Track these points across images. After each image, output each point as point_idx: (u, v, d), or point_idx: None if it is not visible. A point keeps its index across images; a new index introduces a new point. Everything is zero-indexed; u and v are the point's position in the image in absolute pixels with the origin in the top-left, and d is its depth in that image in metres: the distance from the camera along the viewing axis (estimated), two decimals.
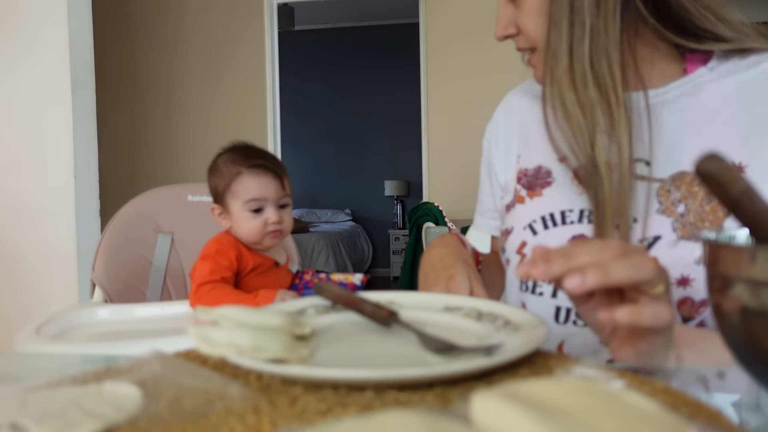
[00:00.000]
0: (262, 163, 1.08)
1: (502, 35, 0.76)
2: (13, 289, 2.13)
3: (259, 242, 1.09)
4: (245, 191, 1.06)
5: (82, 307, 1.00)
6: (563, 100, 0.68)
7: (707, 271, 0.39)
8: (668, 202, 0.67)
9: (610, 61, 0.66)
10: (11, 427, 0.35)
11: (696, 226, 0.65)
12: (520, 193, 0.81)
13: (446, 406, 0.37)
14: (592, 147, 0.66)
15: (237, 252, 1.05)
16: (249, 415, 0.36)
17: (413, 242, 3.24)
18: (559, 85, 0.68)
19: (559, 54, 0.67)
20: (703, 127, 0.69)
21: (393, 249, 5.94)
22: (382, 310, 0.55)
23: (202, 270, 1.02)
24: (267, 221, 1.07)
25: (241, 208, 1.06)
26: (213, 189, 1.11)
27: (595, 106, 0.66)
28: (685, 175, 0.68)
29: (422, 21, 3.82)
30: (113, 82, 3.79)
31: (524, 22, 0.72)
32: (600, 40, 0.65)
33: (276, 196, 1.08)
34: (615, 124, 0.66)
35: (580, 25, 0.66)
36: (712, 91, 0.69)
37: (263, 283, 1.08)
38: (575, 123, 0.67)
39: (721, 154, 0.35)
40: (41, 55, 2.09)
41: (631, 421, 0.30)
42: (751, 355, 0.37)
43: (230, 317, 0.49)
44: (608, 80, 0.66)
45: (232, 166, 1.08)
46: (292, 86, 5.84)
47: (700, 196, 0.66)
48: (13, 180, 2.12)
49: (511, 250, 0.79)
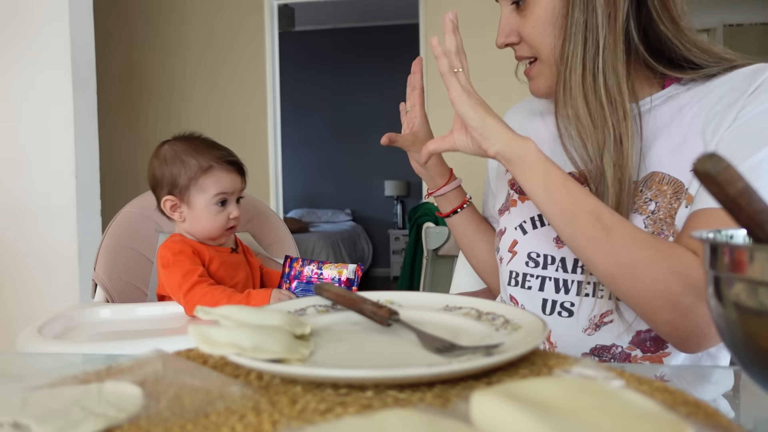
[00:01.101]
0: (233, 160, 1.09)
1: (503, 43, 0.79)
2: (14, 289, 2.13)
3: (217, 238, 1.08)
4: (216, 185, 1.05)
5: (84, 307, 1.00)
6: (576, 110, 0.72)
7: (706, 272, 0.39)
8: (641, 201, 0.72)
9: (618, 78, 0.70)
10: (13, 426, 0.35)
11: (665, 222, 0.71)
12: (512, 197, 0.87)
13: (446, 406, 0.37)
14: (601, 158, 0.71)
15: (191, 248, 1.04)
16: (249, 415, 0.36)
17: (413, 242, 3.24)
18: (573, 96, 0.72)
19: (574, 68, 0.71)
20: (672, 130, 0.73)
21: (393, 249, 5.94)
22: (382, 309, 0.55)
23: (173, 279, 0.99)
24: (229, 215, 1.07)
25: (209, 202, 1.05)
26: (169, 180, 1.06)
27: (607, 119, 0.70)
28: (655, 174, 0.72)
29: (422, 21, 3.82)
30: (114, 82, 3.79)
31: (529, 33, 0.75)
32: (609, 57, 0.70)
33: (237, 191, 1.09)
34: (623, 137, 0.70)
35: (594, 42, 0.70)
36: (681, 98, 0.75)
37: (228, 275, 1.07)
38: (586, 134, 0.71)
39: (719, 154, 0.36)
40: (43, 55, 2.10)
41: (630, 420, 0.30)
42: (749, 354, 0.37)
43: (230, 317, 0.49)
44: (617, 96, 0.71)
45: (200, 158, 1.05)
46: (292, 86, 5.84)
47: (669, 194, 0.71)
48: (14, 180, 2.12)
49: (504, 249, 0.85)
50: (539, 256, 0.80)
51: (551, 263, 0.78)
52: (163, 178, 1.07)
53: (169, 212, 1.08)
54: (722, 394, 0.53)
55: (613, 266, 0.65)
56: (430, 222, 2.84)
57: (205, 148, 1.08)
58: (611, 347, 0.74)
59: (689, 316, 0.63)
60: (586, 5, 0.70)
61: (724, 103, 0.70)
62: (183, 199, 1.06)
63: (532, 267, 0.80)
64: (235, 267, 1.09)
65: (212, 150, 1.08)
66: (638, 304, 0.66)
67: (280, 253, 1.34)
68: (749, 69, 0.72)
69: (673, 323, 0.64)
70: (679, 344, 0.67)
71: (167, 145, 1.08)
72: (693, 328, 0.64)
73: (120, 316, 1.00)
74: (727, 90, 0.71)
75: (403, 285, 3.27)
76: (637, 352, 0.73)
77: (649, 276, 0.63)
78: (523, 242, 0.82)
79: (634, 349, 0.73)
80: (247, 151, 3.84)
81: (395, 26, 6.04)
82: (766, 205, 0.36)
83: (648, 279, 0.63)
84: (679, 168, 0.71)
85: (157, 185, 1.09)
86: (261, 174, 3.80)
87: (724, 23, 5.26)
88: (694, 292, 0.62)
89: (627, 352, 0.74)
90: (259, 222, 1.37)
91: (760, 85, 0.68)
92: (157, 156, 1.08)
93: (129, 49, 3.91)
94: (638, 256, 0.64)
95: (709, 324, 0.62)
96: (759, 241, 0.37)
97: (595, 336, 0.75)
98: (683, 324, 0.64)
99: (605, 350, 0.75)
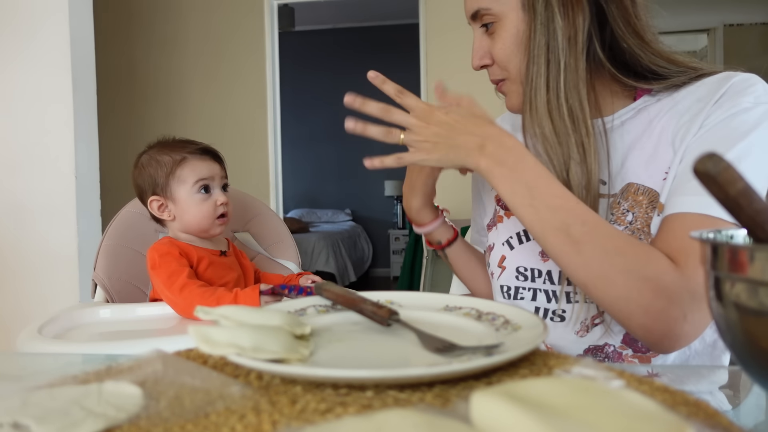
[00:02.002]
0: (205, 147, 1.10)
1: (478, 65, 0.82)
2: (14, 289, 2.13)
3: (209, 228, 1.07)
4: (193, 173, 1.06)
5: (84, 307, 1.00)
6: (542, 129, 0.74)
7: (706, 272, 0.39)
8: (619, 213, 0.75)
9: (580, 96, 0.74)
10: (13, 426, 0.35)
11: (643, 231, 0.73)
12: (499, 213, 0.89)
13: (446, 406, 0.37)
14: (567, 173, 0.73)
15: (179, 250, 1.04)
16: (249, 415, 0.36)
17: (413, 242, 3.24)
18: (539, 114, 0.75)
19: (538, 87, 0.74)
20: (644, 141, 0.76)
21: (393, 249, 5.94)
22: (382, 309, 0.55)
23: (160, 280, 0.99)
24: (216, 202, 1.07)
25: (190, 190, 1.06)
26: (150, 182, 1.08)
27: (570, 136, 0.73)
28: (631, 186, 0.75)
29: (422, 21, 3.82)
30: (114, 81, 3.79)
31: (498, 54, 0.78)
32: (571, 77, 0.73)
33: (220, 177, 1.10)
34: (586, 153, 0.73)
35: (556, 63, 0.73)
36: (651, 110, 0.77)
37: (217, 275, 1.06)
38: (552, 150, 0.74)
39: (719, 154, 0.36)
40: (42, 54, 2.09)
41: (630, 420, 0.30)
42: (749, 354, 0.37)
43: (230, 317, 0.49)
44: (579, 113, 0.73)
45: (173, 153, 1.07)
46: (292, 86, 5.84)
47: (645, 204, 0.74)
48: (14, 180, 2.12)
49: (494, 264, 0.87)
50: (527, 269, 0.82)
51: (539, 276, 0.81)
52: (145, 183, 1.10)
53: (158, 214, 1.09)
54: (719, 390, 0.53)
55: (585, 277, 0.67)
56: None
57: (177, 144, 1.10)
58: (604, 347, 0.76)
59: (660, 319, 0.65)
60: (547, 28, 0.73)
61: (691, 112, 0.72)
62: (167, 197, 1.08)
63: (522, 281, 0.83)
64: (225, 268, 1.09)
65: (184, 144, 1.10)
66: (612, 310, 0.68)
67: (280, 254, 1.34)
68: (715, 78, 0.74)
69: (645, 327, 0.66)
70: (654, 346, 0.68)
71: (143, 155, 1.11)
72: (665, 331, 0.65)
73: (120, 316, 1.00)
74: (693, 100, 0.73)
75: (403, 285, 3.27)
76: (628, 351, 0.75)
77: (621, 283, 0.65)
78: (510, 257, 0.84)
79: (626, 348, 0.75)
80: (247, 150, 3.84)
81: (395, 26, 6.04)
82: (767, 205, 0.36)
83: (620, 286, 0.65)
84: (652, 178, 0.74)
85: (142, 193, 1.11)
86: (261, 174, 3.80)
87: (724, 23, 5.26)
88: (666, 296, 0.64)
89: (619, 351, 0.76)
90: (259, 222, 1.37)
91: (724, 93, 0.71)
92: (136, 166, 1.12)
93: (129, 49, 3.91)
94: (609, 266, 0.66)
95: (681, 324, 0.64)
96: (759, 241, 0.37)
97: (588, 337, 0.77)
98: (655, 328, 0.65)
99: (598, 350, 0.77)
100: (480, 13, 0.78)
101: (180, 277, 0.99)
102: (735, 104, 0.69)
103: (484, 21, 0.78)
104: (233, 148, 3.86)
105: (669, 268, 0.65)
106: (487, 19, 0.78)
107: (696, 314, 0.64)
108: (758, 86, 0.71)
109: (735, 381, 0.54)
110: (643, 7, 0.75)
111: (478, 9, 0.78)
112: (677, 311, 0.64)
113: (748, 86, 0.71)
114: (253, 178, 3.77)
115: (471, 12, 0.79)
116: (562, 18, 0.72)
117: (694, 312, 0.64)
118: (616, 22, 0.73)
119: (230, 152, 4.67)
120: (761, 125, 0.68)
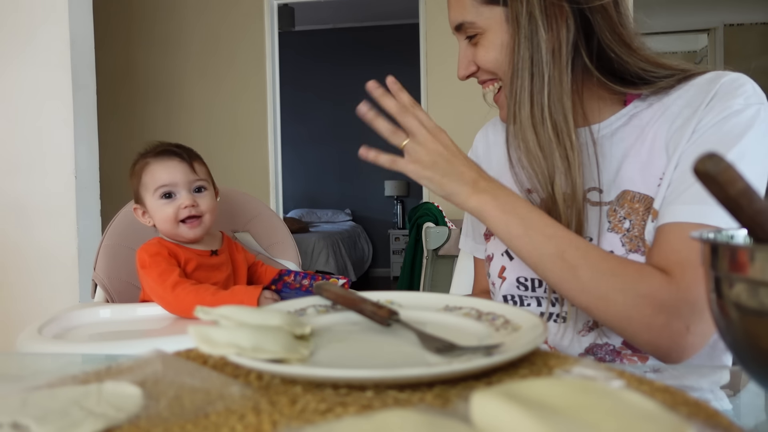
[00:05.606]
0: (167, 149, 1.08)
1: (464, 75, 0.82)
2: (14, 289, 2.13)
3: (176, 233, 1.06)
4: (153, 179, 1.06)
5: (84, 307, 1.00)
6: (526, 141, 0.75)
7: (707, 272, 0.39)
8: (616, 220, 0.75)
9: (564, 109, 0.74)
10: (12, 426, 0.35)
11: (641, 239, 0.73)
12: None
13: (446, 406, 0.37)
14: (552, 185, 0.74)
15: (168, 250, 1.04)
16: (249, 415, 0.36)
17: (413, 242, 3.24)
18: (523, 128, 0.75)
19: (522, 100, 0.74)
20: (638, 148, 0.76)
21: (393, 249, 5.94)
22: (382, 309, 0.55)
23: (150, 280, 1.00)
24: (179, 207, 1.05)
25: (152, 197, 1.06)
26: (134, 192, 1.11)
27: (554, 150, 0.73)
28: (627, 193, 0.75)
29: (422, 21, 3.82)
30: (114, 82, 3.79)
31: (482, 59, 0.79)
32: (555, 90, 0.73)
33: (186, 180, 1.06)
34: (571, 166, 0.73)
35: (540, 76, 0.73)
36: (643, 116, 0.77)
37: (205, 276, 1.06)
38: (536, 163, 0.74)
39: (719, 154, 0.36)
40: (42, 54, 2.09)
41: (630, 420, 0.30)
42: (750, 354, 0.37)
43: (230, 317, 0.49)
44: (563, 126, 0.73)
45: (141, 160, 1.09)
46: (292, 86, 5.84)
47: (641, 212, 0.74)
48: (13, 180, 2.12)
49: (494, 275, 0.87)
50: (527, 280, 0.82)
51: (539, 286, 0.82)
52: (133, 193, 1.12)
53: (143, 221, 1.11)
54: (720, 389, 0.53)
55: (585, 300, 0.68)
56: (430, 222, 2.84)
57: (151, 150, 1.10)
58: (604, 345, 0.77)
59: (664, 335, 0.65)
60: (531, 41, 0.73)
61: (683, 117, 0.73)
62: (143, 205, 1.09)
63: (523, 290, 0.83)
64: (214, 269, 1.09)
65: (154, 148, 1.10)
66: (618, 330, 0.69)
67: (280, 254, 1.34)
68: (704, 79, 0.74)
69: (651, 343, 0.67)
70: (664, 360, 0.69)
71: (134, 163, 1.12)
72: (671, 345, 0.66)
73: (120, 316, 1.00)
74: (684, 104, 0.73)
75: (403, 285, 3.27)
76: (627, 350, 0.76)
77: (620, 303, 0.66)
78: (510, 267, 0.84)
79: (626, 348, 0.76)
80: (247, 150, 3.85)
81: (395, 26, 6.03)
82: (767, 205, 0.36)
83: (620, 305, 0.66)
84: (647, 185, 0.74)
85: (134, 199, 1.13)
86: (261, 174, 3.80)
87: (725, 23, 5.26)
88: (666, 311, 0.65)
89: (618, 350, 0.76)
90: (259, 222, 1.37)
91: (714, 95, 0.71)
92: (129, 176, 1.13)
93: (128, 49, 3.90)
94: (607, 287, 0.66)
95: (684, 336, 0.65)
96: (759, 241, 0.37)
97: (589, 336, 0.78)
98: (661, 343, 0.66)
99: (599, 348, 0.77)
100: (464, 26, 0.78)
101: (171, 275, 0.99)
102: (726, 107, 0.69)
103: (468, 33, 0.79)
104: (233, 148, 3.86)
105: (663, 282, 0.65)
106: (471, 31, 0.78)
107: (699, 325, 0.65)
108: (747, 86, 0.71)
109: (735, 381, 0.54)
110: (627, 17, 0.75)
111: (462, 22, 0.78)
112: (679, 324, 0.64)
113: (738, 87, 0.71)
114: (253, 178, 3.77)
115: (455, 24, 0.80)
116: (546, 31, 0.72)
117: (696, 324, 0.64)
118: (602, 32, 0.74)
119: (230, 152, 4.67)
120: (753, 126, 0.68)
